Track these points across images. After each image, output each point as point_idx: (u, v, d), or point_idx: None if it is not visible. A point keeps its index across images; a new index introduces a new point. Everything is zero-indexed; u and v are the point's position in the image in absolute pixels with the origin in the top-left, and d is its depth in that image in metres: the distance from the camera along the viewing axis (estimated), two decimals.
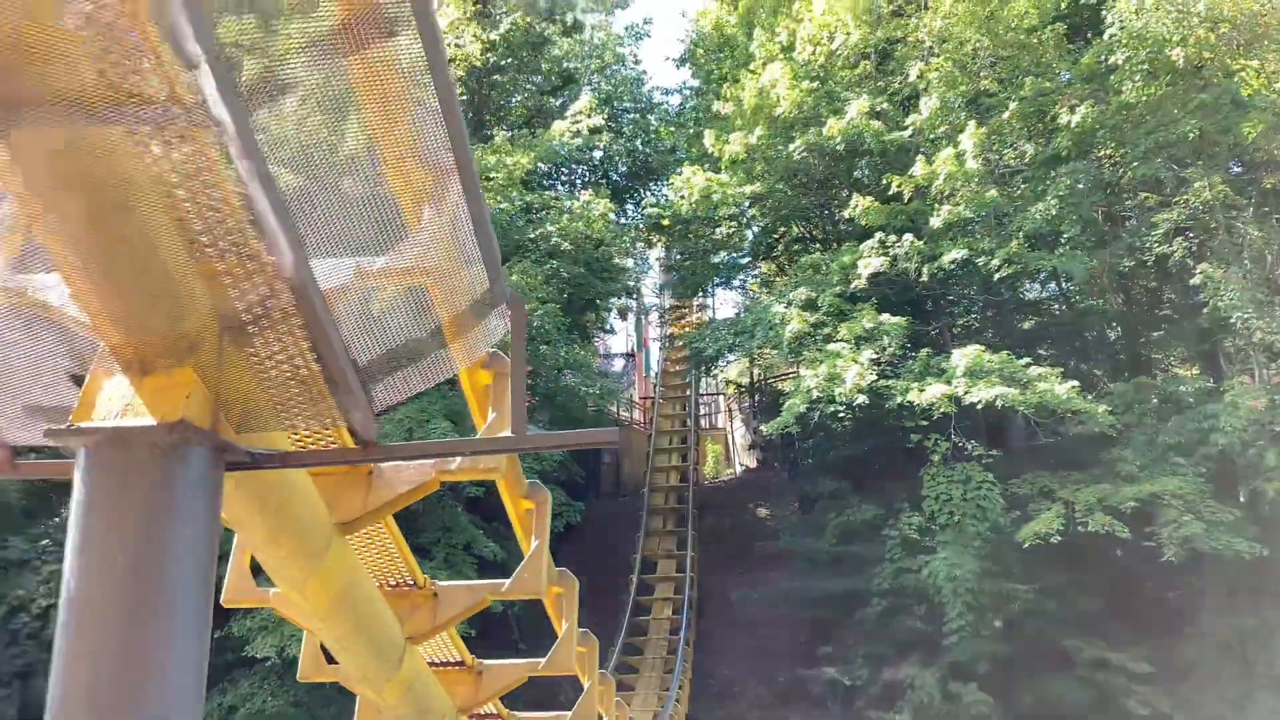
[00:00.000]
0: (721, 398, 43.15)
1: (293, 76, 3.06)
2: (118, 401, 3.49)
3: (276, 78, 3.03)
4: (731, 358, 32.23)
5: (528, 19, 33.47)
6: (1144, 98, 22.02)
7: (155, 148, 2.97)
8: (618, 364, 45.36)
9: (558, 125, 31.08)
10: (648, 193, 38.27)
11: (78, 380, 3.64)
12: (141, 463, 3.41)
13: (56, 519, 22.12)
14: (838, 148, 26.20)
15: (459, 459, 4.98)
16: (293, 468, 4.00)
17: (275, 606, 5.64)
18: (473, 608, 5.78)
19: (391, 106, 3.33)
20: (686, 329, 39.35)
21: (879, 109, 25.91)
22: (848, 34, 26.76)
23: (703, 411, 40.63)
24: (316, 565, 4.58)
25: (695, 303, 42.83)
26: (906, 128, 25.28)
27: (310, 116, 3.22)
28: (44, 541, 21.55)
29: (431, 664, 6.55)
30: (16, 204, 3.68)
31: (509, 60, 33.17)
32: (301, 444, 4.32)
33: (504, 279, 3.89)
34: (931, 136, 24.93)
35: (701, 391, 40.22)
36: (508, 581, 5.79)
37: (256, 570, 5.70)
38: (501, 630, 22.98)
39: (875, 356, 22.62)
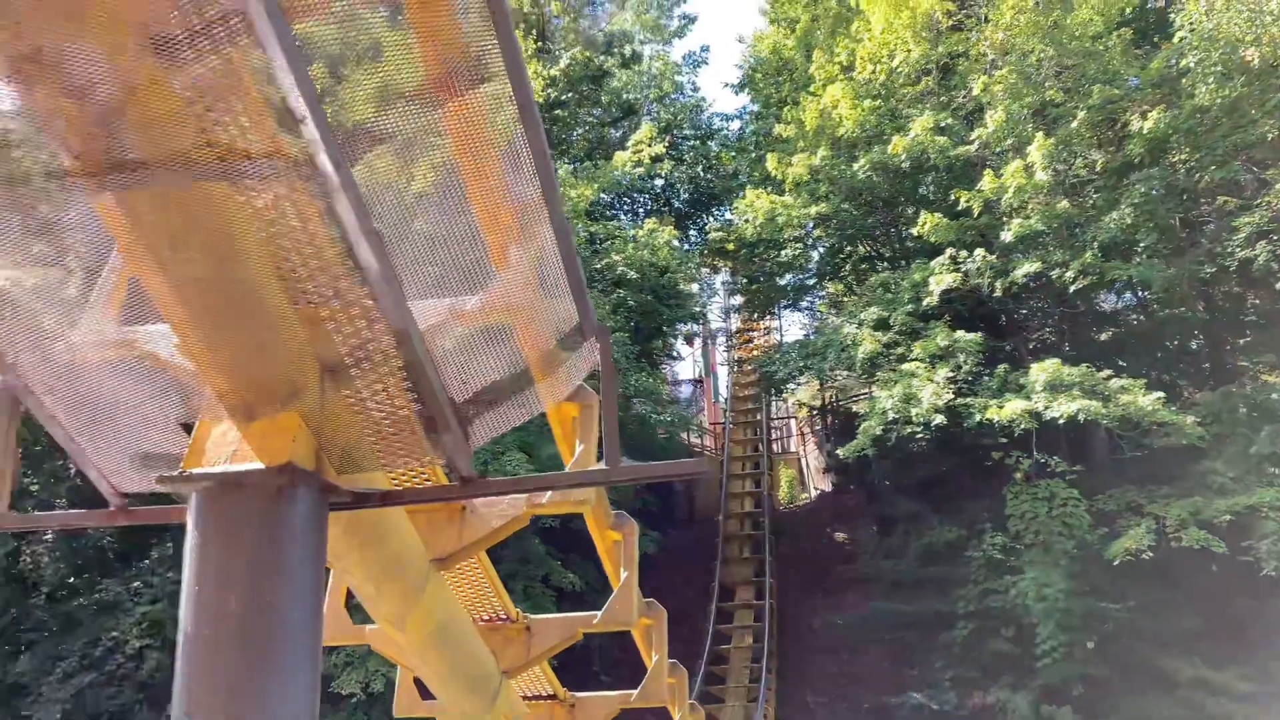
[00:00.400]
0: (793, 421, 42.82)
1: (390, 127, 3.15)
2: (226, 447, 3.60)
3: (375, 129, 3.11)
4: (802, 380, 31.99)
5: (587, 53, 33.88)
6: (1218, 100, 21.51)
7: (260, 201, 3.07)
8: (685, 390, 45.29)
9: (619, 155, 31.33)
10: (710, 218, 38.34)
11: (187, 427, 3.76)
12: (251, 505, 3.50)
13: (147, 561, 22.69)
14: (902, 165, 25.99)
15: (549, 492, 5.03)
16: (392, 506, 4.06)
17: (372, 643, 5.73)
18: (566, 641, 5.80)
19: (483, 149, 3.40)
20: (755, 353, 39.21)
21: (943, 124, 25.66)
22: (908, 51, 26.61)
23: (774, 436, 40.36)
24: (414, 601, 4.64)
25: (762, 326, 42.69)
26: (972, 142, 24.98)
27: (406, 164, 3.30)
28: (136, 584, 22.11)
29: (524, 698, 6.59)
30: (125, 259, 3.84)
31: (570, 94, 33.57)
32: (397, 482, 4.40)
33: (592, 313, 3.93)
34: (998, 149, 24.62)
35: (772, 415, 39.99)
36: (599, 614, 5.80)
37: (351, 608, 5.80)
38: (581, 661, 22.97)
39: (951, 375, 22.29)
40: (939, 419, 21.63)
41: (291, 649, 3.46)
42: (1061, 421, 20.91)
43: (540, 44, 33.40)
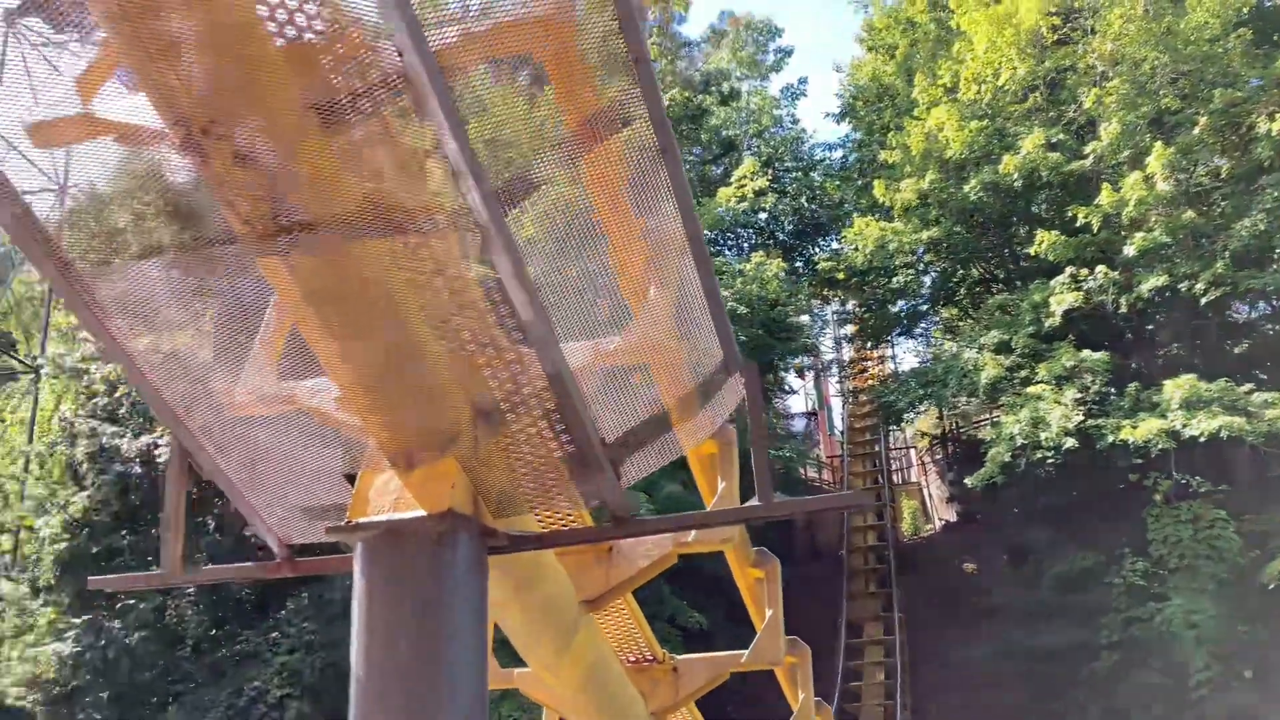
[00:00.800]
0: (912, 451, 41.91)
1: (539, 176, 3.22)
2: (389, 495, 3.69)
3: (525, 179, 3.18)
4: (922, 409, 31.35)
5: (685, 93, 34.17)
6: None
7: (419, 254, 3.17)
8: (798, 424, 44.75)
9: (723, 192, 31.36)
10: (816, 249, 38.05)
11: (350, 478, 3.87)
12: (415, 552, 3.58)
13: (284, 611, 23.33)
14: (1014, 184, 25.43)
15: (694, 531, 5.01)
16: (548, 548, 4.10)
17: (521, 687, 5.77)
18: (714, 681, 5.75)
19: (625, 191, 3.45)
20: (870, 383, 38.62)
21: (1054, 140, 25.05)
22: (1013, 68, 26.11)
23: (894, 467, 39.55)
24: (567, 643, 4.67)
25: (875, 355, 42.04)
26: (1086, 156, 24.32)
27: (553, 210, 3.37)
28: (274, 634, 22.74)
29: None
30: (289, 316, 3.99)
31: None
32: (545, 525, 4.44)
33: (736, 348, 3.92)
34: (1114, 162, 23.90)
35: (891, 446, 39.22)
36: (746, 652, 5.74)
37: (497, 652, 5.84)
38: (714, 702, 22.67)
39: (1079, 396, 21.56)
40: (1070, 442, 20.92)
41: (460, 694, 3.50)
42: (1202, 440, 20.01)
43: None
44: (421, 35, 2.66)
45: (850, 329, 39.57)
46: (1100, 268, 23.26)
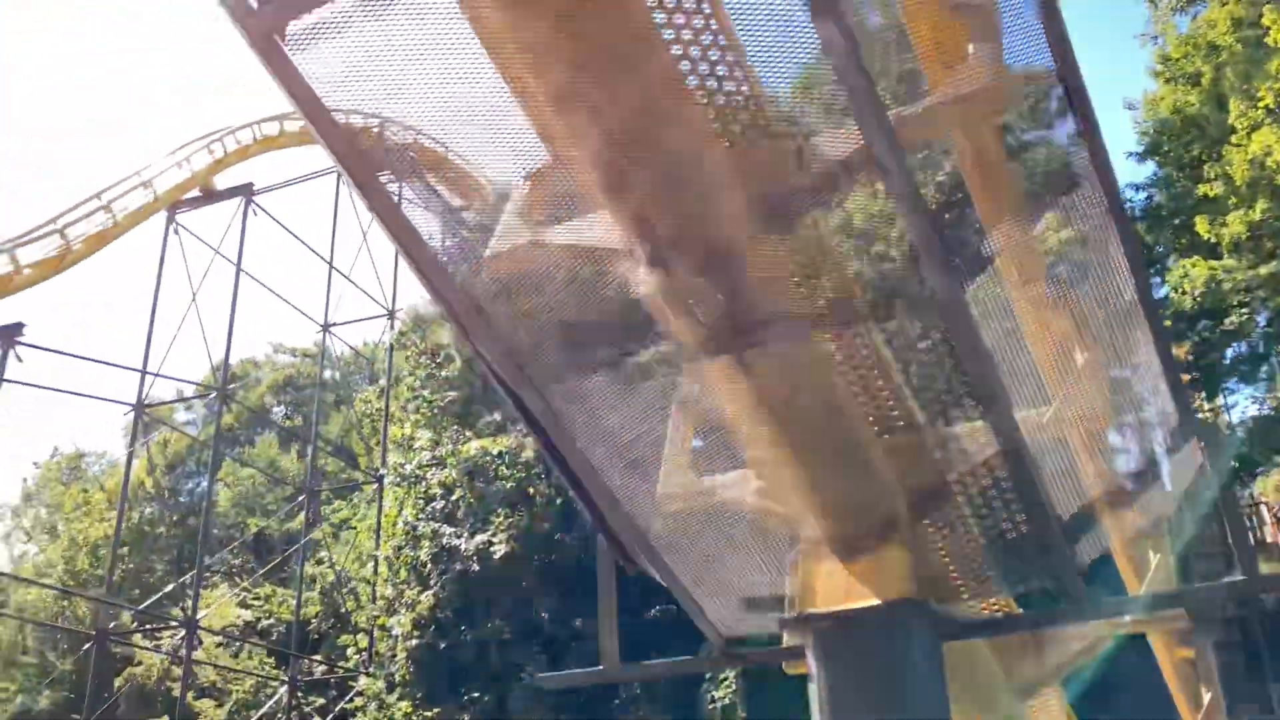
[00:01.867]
0: (1263, 507, 37.58)
1: (991, 248, 3.15)
2: (836, 585, 3.64)
3: (980, 253, 3.13)
4: (1277, 460, 28.13)
5: None
6: None
7: (871, 338, 3.16)
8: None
9: None
10: None
11: (793, 569, 3.86)
12: (871, 643, 3.49)
13: (617, 700, 23.83)
14: None
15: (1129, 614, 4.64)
16: (1002, 634, 3.92)
17: None
18: None
19: (1075, 253, 3.32)
20: None
21: None
22: None
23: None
24: None
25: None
26: None
27: (1003, 279, 3.28)
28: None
29: None
30: (689, 412, 4.09)
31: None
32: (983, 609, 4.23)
33: (1194, 413, 3.63)
34: None
35: (1239, 504, 35.36)
36: None
37: None
38: None
39: None
40: None
41: None
42: None
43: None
44: (889, 125, 2.68)
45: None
46: None
